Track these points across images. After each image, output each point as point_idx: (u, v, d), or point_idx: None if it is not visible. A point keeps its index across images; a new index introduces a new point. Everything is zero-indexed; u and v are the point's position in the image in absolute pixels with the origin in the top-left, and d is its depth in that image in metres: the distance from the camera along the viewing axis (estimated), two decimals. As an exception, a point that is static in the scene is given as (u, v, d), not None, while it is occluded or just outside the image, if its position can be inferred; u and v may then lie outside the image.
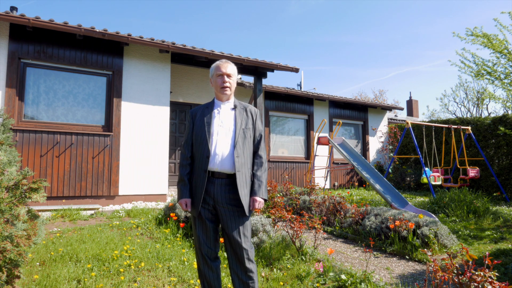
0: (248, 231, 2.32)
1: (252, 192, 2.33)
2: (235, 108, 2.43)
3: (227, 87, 2.38)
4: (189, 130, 2.42)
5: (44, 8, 44.41)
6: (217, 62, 2.44)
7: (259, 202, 2.32)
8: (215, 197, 2.27)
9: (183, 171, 2.36)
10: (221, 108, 2.42)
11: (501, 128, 8.53)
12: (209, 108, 2.43)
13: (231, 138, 2.33)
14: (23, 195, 2.35)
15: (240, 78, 10.07)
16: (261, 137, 2.46)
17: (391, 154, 12.15)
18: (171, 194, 7.98)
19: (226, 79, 2.38)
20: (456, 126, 9.17)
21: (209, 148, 2.27)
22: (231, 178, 2.30)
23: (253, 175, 2.37)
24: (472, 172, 8.75)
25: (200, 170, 2.29)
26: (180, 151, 2.40)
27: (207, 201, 2.29)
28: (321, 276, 3.24)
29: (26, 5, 38.62)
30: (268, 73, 8.63)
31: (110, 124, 6.74)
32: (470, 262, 2.15)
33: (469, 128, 9.19)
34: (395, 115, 17.64)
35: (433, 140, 9.81)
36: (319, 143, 8.91)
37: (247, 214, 2.29)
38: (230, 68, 2.41)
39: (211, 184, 2.28)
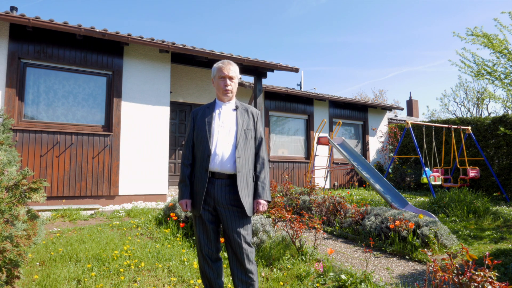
0: (249, 232, 2.32)
1: (256, 195, 2.34)
2: (236, 108, 2.43)
3: (229, 90, 2.39)
4: (190, 130, 2.43)
5: (44, 8, 44.44)
6: (219, 64, 2.41)
7: (263, 204, 2.33)
8: (216, 198, 2.27)
9: (185, 171, 2.36)
10: (222, 109, 2.41)
11: (501, 128, 8.54)
12: (210, 108, 2.43)
13: (233, 138, 2.32)
14: (23, 195, 2.35)
15: (240, 78, 10.07)
16: (262, 138, 2.45)
17: (391, 154, 12.15)
18: (171, 194, 7.98)
19: (228, 82, 2.37)
20: (456, 126, 9.17)
21: (209, 147, 2.27)
22: (231, 179, 2.30)
23: (256, 177, 2.37)
24: (472, 172, 8.75)
25: (202, 169, 2.29)
26: (182, 151, 2.42)
27: (207, 202, 2.28)
28: (321, 276, 3.24)
29: (26, 5, 38.64)
30: (268, 73, 8.63)
31: (110, 124, 6.74)
32: (470, 262, 2.15)
33: (469, 128, 9.18)
34: (395, 115, 17.63)
35: (433, 140, 9.81)
36: (319, 143, 8.91)
37: (249, 215, 2.28)
38: (232, 70, 2.39)
39: (211, 184, 2.28)
